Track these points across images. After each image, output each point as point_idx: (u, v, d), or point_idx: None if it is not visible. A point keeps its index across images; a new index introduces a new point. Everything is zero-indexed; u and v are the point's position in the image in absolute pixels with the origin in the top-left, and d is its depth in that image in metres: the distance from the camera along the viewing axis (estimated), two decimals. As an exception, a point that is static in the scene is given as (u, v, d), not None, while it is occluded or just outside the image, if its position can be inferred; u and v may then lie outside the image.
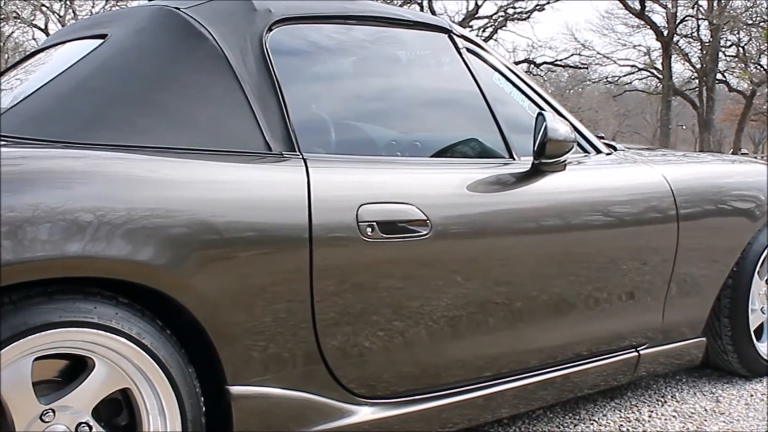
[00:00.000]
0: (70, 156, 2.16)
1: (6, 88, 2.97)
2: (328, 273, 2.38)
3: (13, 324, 1.93)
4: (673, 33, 33.88)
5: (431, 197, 2.61)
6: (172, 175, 2.21)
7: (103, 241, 2.01)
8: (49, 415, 2.02)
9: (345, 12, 2.85)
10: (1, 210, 1.88)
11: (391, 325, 2.56)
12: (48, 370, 2.08)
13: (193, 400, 2.20)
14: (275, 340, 2.32)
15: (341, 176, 2.52)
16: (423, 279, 2.61)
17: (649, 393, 3.70)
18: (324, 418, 2.45)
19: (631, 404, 3.54)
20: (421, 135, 3.09)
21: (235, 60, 2.48)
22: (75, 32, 2.99)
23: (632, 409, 3.48)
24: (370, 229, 2.43)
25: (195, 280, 2.15)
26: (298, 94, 2.61)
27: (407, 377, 2.66)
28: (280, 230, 2.30)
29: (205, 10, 2.57)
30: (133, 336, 2.08)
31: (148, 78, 2.41)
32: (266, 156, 2.42)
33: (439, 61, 3.19)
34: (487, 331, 2.81)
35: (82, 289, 2.04)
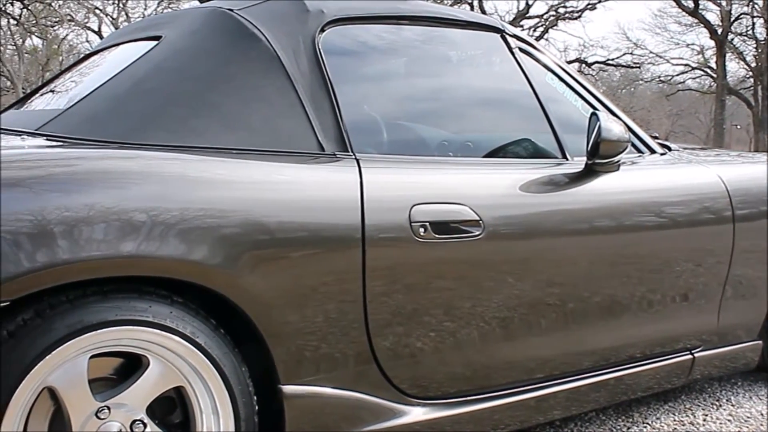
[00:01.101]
0: (124, 156, 2.19)
1: (62, 90, 3.01)
2: (380, 273, 2.39)
3: (69, 322, 1.96)
4: (728, 31, 33.41)
5: (484, 198, 2.61)
6: (225, 176, 2.23)
7: (157, 241, 2.03)
8: (104, 412, 2.05)
9: (398, 12, 2.86)
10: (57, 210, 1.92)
11: (443, 325, 2.56)
12: (104, 367, 2.11)
13: (246, 399, 2.21)
14: (327, 339, 2.33)
15: (394, 176, 2.52)
16: (475, 279, 2.61)
17: (704, 396, 3.66)
18: (376, 418, 2.45)
19: (685, 407, 3.50)
20: (473, 135, 3.08)
21: (288, 61, 2.49)
22: (130, 34, 3.02)
23: (686, 413, 3.44)
24: (422, 229, 2.43)
25: (248, 279, 2.16)
26: (350, 94, 2.62)
27: (459, 378, 2.66)
28: (333, 230, 2.30)
29: (258, 12, 2.59)
30: (188, 335, 2.10)
31: (202, 79, 2.44)
32: (319, 156, 2.43)
33: (492, 61, 3.18)
34: (539, 333, 2.79)
35: (137, 288, 2.06)
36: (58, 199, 1.96)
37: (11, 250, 1.87)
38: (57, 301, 1.96)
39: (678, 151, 3.56)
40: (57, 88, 3.11)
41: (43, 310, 1.95)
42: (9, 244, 1.87)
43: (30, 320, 1.94)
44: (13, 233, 1.88)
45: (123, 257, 2.00)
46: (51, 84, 3.23)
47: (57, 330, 1.94)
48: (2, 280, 1.86)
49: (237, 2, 2.65)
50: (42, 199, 1.95)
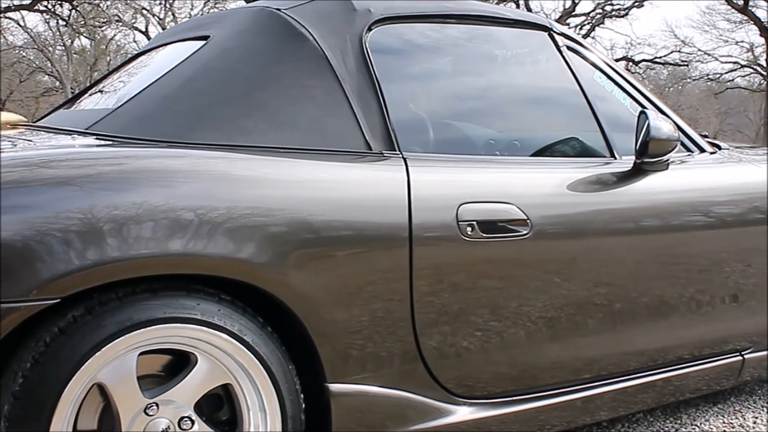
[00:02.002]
0: (172, 155, 2.21)
1: (111, 90, 3.05)
2: (427, 272, 2.38)
3: (119, 319, 1.98)
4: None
5: (531, 197, 2.59)
6: (272, 174, 2.24)
7: (205, 239, 2.05)
8: (152, 408, 2.07)
9: (445, 11, 2.85)
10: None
11: (489, 325, 2.55)
12: (152, 364, 2.13)
13: (293, 397, 2.22)
14: (373, 338, 2.33)
15: (441, 175, 2.51)
16: (522, 279, 2.60)
17: (754, 399, 3.61)
18: (422, 417, 2.45)
19: (735, 410, 3.46)
20: (520, 134, 3.06)
21: (336, 60, 2.50)
22: (178, 34, 3.05)
23: (736, 415, 3.40)
24: (470, 228, 2.43)
25: (295, 277, 2.17)
26: (397, 93, 2.62)
27: (505, 378, 2.65)
28: (380, 229, 2.31)
29: (305, 11, 2.60)
30: (235, 332, 2.11)
31: (249, 78, 2.45)
32: (366, 155, 2.43)
33: (539, 60, 3.16)
34: (586, 333, 2.77)
35: (185, 286, 2.08)
36: (107, 198, 1.98)
37: (62, 248, 1.90)
38: (107, 299, 1.99)
39: (728, 150, 3.52)
40: (106, 88, 3.14)
41: (93, 307, 1.97)
42: (60, 242, 1.90)
43: (80, 317, 1.96)
44: (63, 231, 1.90)
45: (171, 255, 2.02)
46: (100, 84, 3.27)
47: (107, 327, 1.97)
48: (53, 277, 1.89)
49: (284, 2, 2.66)
50: (92, 197, 1.97)
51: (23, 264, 1.88)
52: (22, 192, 1.95)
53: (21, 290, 1.87)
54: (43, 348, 1.93)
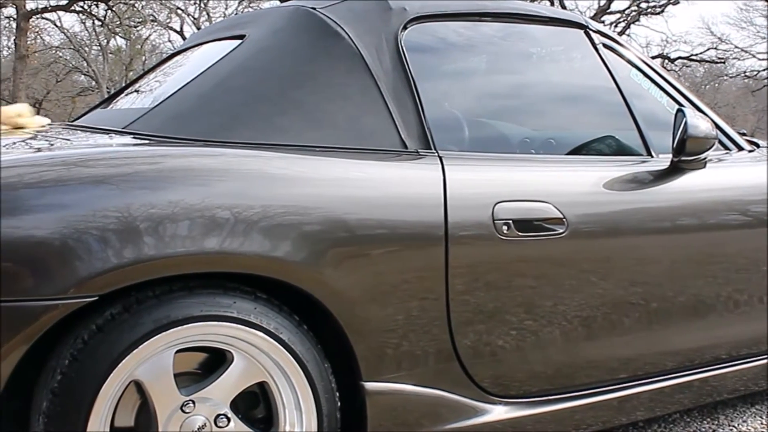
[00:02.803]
0: (207, 154, 2.22)
1: (147, 90, 3.07)
2: (463, 271, 2.38)
3: (156, 317, 2.00)
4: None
5: (567, 195, 2.58)
6: (307, 173, 2.24)
7: (240, 238, 2.06)
8: (189, 406, 2.08)
9: (480, 9, 2.84)
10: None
11: (524, 324, 2.54)
12: (189, 362, 2.15)
13: (329, 395, 2.22)
14: (408, 336, 2.33)
15: (477, 174, 2.51)
16: (557, 278, 2.58)
17: (792, 399, 3.57)
18: (457, 416, 2.45)
19: (773, 410, 3.43)
20: (556, 132, 3.05)
21: (371, 58, 2.50)
22: (213, 34, 3.06)
23: (774, 416, 3.37)
24: (506, 227, 2.42)
25: (331, 276, 2.17)
26: (432, 91, 2.62)
27: (540, 377, 2.63)
28: (416, 228, 2.30)
29: (340, 10, 2.60)
30: (271, 331, 2.12)
31: (285, 77, 2.46)
32: (402, 153, 2.43)
33: (575, 58, 3.15)
34: (622, 332, 2.76)
35: (222, 284, 2.09)
36: (144, 196, 2.00)
37: (99, 247, 1.91)
38: (144, 297, 2.00)
39: (766, 148, 3.48)
40: (142, 88, 3.17)
41: (131, 305, 1.99)
42: (97, 240, 1.91)
43: (118, 315, 1.98)
44: (100, 229, 1.92)
45: (207, 254, 2.03)
46: (136, 83, 3.29)
47: (144, 325, 1.98)
48: (91, 275, 1.91)
49: (320, 1, 2.66)
50: (128, 196, 1.99)
51: (61, 262, 1.89)
52: (60, 190, 1.97)
53: (59, 288, 1.89)
54: (81, 345, 1.95)
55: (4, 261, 1.87)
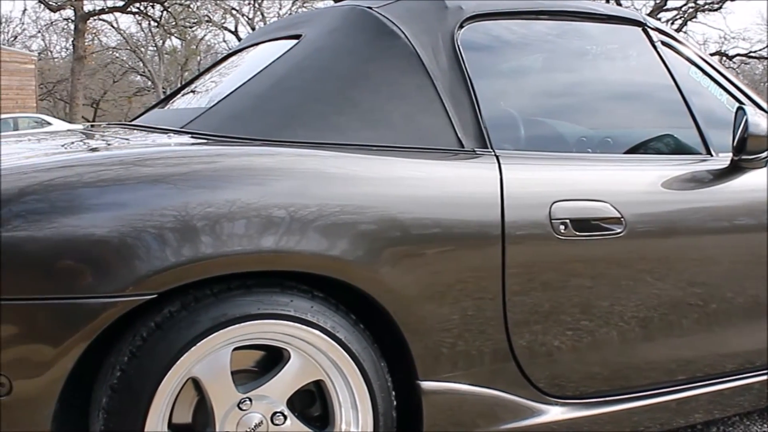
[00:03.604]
0: (263, 153, 2.23)
1: (205, 90, 3.09)
2: (520, 270, 2.37)
3: (214, 315, 2.01)
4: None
5: (625, 194, 2.56)
6: (363, 172, 2.24)
7: (297, 236, 2.06)
8: (246, 403, 2.09)
9: (537, 7, 2.82)
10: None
11: (581, 324, 2.52)
12: (246, 360, 2.16)
13: (385, 394, 2.22)
14: (464, 336, 2.32)
15: (533, 173, 2.49)
16: (614, 278, 2.56)
17: None
18: (513, 416, 2.43)
19: (836, 414, 3.37)
20: (613, 131, 3.02)
21: (427, 57, 2.50)
22: (269, 33, 3.08)
23: (836, 419, 3.30)
24: (563, 226, 2.40)
25: (387, 275, 2.17)
26: (489, 90, 2.60)
27: (597, 378, 2.61)
28: (473, 227, 2.30)
29: (396, 9, 2.60)
30: (328, 329, 2.12)
31: (342, 77, 2.46)
32: (458, 153, 2.42)
33: (633, 55, 3.11)
34: (681, 333, 2.72)
35: (279, 283, 2.10)
36: (201, 195, 2.01)
37: (157, 245, 1.93)
38: (202, 294, 2.02)
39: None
40: (199, 88, 3.19)
41: (189, 303, 2.01)
42: (155, 238, 1.93)
43: (176, 312, 1.99)
44: (158, 228, 1.94)
45: (264, 252, 2.04)
46: (193, 83, 3.32)
47: (202, 322, 2.00)
48: (149, 273, 1.92)
49: (375, 1, 2.66)
50: (186, 195, 2.00)
51: (120, 260, 1.91)
52: (118, 189, 1.99)
53: (119, 286, 1.91)
54: (140, 342, 1.97)
55: (65, 259, 1.90)
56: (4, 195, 1.91)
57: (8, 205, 1.90)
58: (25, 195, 1.92)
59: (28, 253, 1.88)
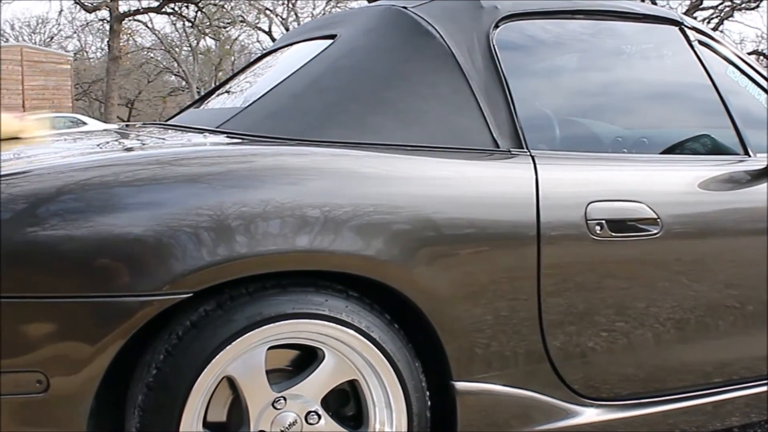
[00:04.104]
0: (297, 153, 2.23)
1: (240, 89, 3.10)
2: (555, 271, 2.35)
3: (249, 314, 2.02)
4: None
5: (662, 195, 2.54)
6: (397, 172, 2.24)
7: (331, 236, 2.06)
8: (280, 402, 2.10)
9: (572, 7, 2.81)
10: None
11: (616, 326, 2.50)
12: (280, 359, 2.16)
13: (419, 395, 2.22)
14: (499, 337, 2.31)
15: (569, 173, 2.48)
16: (650, 279, 2.54)
17: None
18: (547, 417, 2.42)
19: None
20: (649, 131, 3.00)
21: (463, 57, 2.49)
22: (304, 33, 3.08)
23: None
24: (599, 227, 2.39)
25: (421, 275, 2.17)
26: (524, 90, 2.59)
27: (632, 380, 2.59)
28: (508, 227, 2.29)
29: (432, 9, 2.60)
30: (362, 329, 2.12)
31: (377, 76, 2.46)
32: (494, 153, 2.42)
33: (669, 55, 3.09)
34: (717, 336, 2.70)
35: (313, 282, 2.10)
36: (235, 195, 2.02)
37: (193, 244, 1.94)
38: (237, 294, 2.02)
39: None
40: (234, 88, 3.21)
41: (224, 302, 2.01)
42: (191, 238, 1.94)
43: (212, 311, 2.00)
44: (194, 227, 1.95)
45: (298, 252, 2.04)
46: (228, 83, 3.33)
47: (237, 321, 2.00)
48: (185, 272, 1.93)
49: (410, 1, 2.66)
50: (221, 194, 2.01)
51: (156, 259, 1.93)
52: (154, 189, 2.00)
53: (154, 285, 1.92)
54: (175, 341, 1.98)
55: (102, 258, 1.91)
56: (42, 194, 1.93)
57: (46, 204, 1.92)
58: (62, 194, 1.94)
59: (66, 251, 1.90)
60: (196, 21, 33.18)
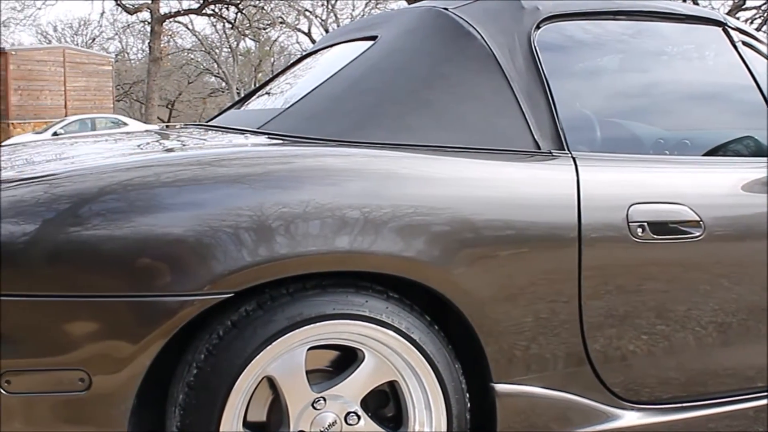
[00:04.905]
0: (337, 154, 2.24)
1: (280, 91, 3.11)
2: (596, 273, 2.34)
3: (290, 314, 2.02)
4: None
5: (704, 197, 2.51)
6: (437, 173, 2.24)
7: (371, 237, 2.07)
8: (320, 402, 2.11)
9: (614, 8, 2.79)
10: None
11: (656, 329, 2.48)
12: (320, 359, 2.17)
13: (459, 396, 2.22)
14: (538, 339, 2.30)
15: (610, 175, 2.46)
16: (692, 282, 2.52)
17: None
18: (587, 420, 2.41)
19: None
20: (691, 133, 2.97)
21: (504, 59, 2.48)
22: (345, 35, 3.09)
23: None
24: (640, 229, 2.37)
25: (461, 276, 2.16)
26: (565, 91, 2.58)
27: (673, 383, 2.57)
28: (549, 229, 2.28)
29: (473, 10, 2.59)
30: (403, 330, 2.12)
31: (418, 78, 2.46)
32: (535, 154, 2.40)
33: (712, 56, 3.06)
34: (759, 339, 2.66)
35: (354, 283, 2.10)
36: (276, 196, 2.03)
37: (234, 245, 1.95)
38: (278, 294, 2.03)
39: None
40: (275, 89, 3.22)
41: (265, 302, 2.02)
42: (232, 238, 1.95)
43: (252, 311, 2.01)
44: (234, 228, 1.96)
45: (338, 253, 2.05)
46: (269, 85, 3.34)
47: (278, 321, 2.01)
48: (226, 272, 1.94)
49: (451, 2, 2.66)
50: (261, 195, 2.02)
51: (197, 259, 1.94)
52: (195, 189, 2.01)
53: (196, 285, 1.94)
54: (216, 341, 1.99)
55: (144, 258, 1.93)
56: (85, 194, 1.95)
57: (88, 203, 1.93)
58: (104, 194, 1.95)
59: (108, 251, 1.91)
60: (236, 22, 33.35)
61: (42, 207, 1.92)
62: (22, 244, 1.89)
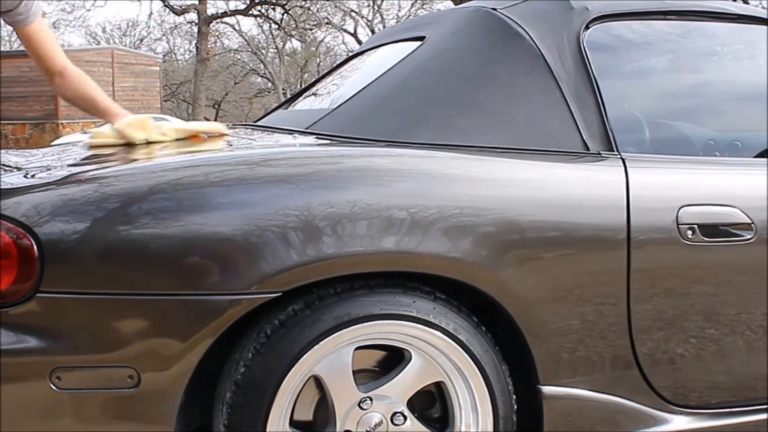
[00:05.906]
0: (384, 154, 2.24)
1: (327, 91, 3.13)
2: (646, 276, 2.32)
3: (337, 314, 2.03)
4: None
5: (756, 199, 2.47)
6: (484, 174, 2.23)
7: (418, 237, 2.07)
8: (366, 402, 2.11)
9: (664, 7, 2.76)
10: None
11: (706, 332, 2.45)
12: (367, 359, 2.17)
13: (506, 398, 2.21)
14: (585, 341, 2.29)
15: (660, 177, 2.43)
16: (742, 285, 2.48)
17: None
18: (635, 424, 2.39)
19: None
20: (742, 134, 2.93)
21: (553, 59, 2.46)
22: (392, 35, 3.09)
23: None
24: (690, 231, 2.34)
25: (509, 277, 2.16)
26: (614, 92, 2.56)
27: (722, 388, 2.54)
28: (597, 230, 2.26)
29: (521, 10, 2.58)
30: (450, 331, 2.12)
31: (466, 78, 2.45)
32: (584, 155, 2.39)
33: (763, 56, 3.02)
34: (811, 344, 2.63)
35: (401, 284, 2.11)
36: (323, 196, 2.03)
37: (281, 244, 1.96)
38: (326, 294, 2.04)
39: None
40: (322, 90, 3.23)
41: (312, 302, 2.03)
42: (279, 238, 1.96)
43: (300, 311, 2.02)
44: (282, 227, 1.97)
45: (385, 253, 2.05)
46: (316, 85, 3.36)
47: (325, 321, 2.02)
48: (274, 272, 1.96)
49: (500, 2, 2.65)
50: (308, 195, 2.03)
51: (245, 258, 1.95)
52: (243, 189, 2.03)
53: (244, 284, 1.95)
54: (264, 339, 2.01)
55: (193, 256, 1.94)
56: (134, 193, 1.97)
57: (138, 202, 1.95)
58: (153, 193, 1.98)
59: (157, 250, 1.93)
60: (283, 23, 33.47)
61: (92, 206, 1.95)
62: (73, 242, 1.91)
